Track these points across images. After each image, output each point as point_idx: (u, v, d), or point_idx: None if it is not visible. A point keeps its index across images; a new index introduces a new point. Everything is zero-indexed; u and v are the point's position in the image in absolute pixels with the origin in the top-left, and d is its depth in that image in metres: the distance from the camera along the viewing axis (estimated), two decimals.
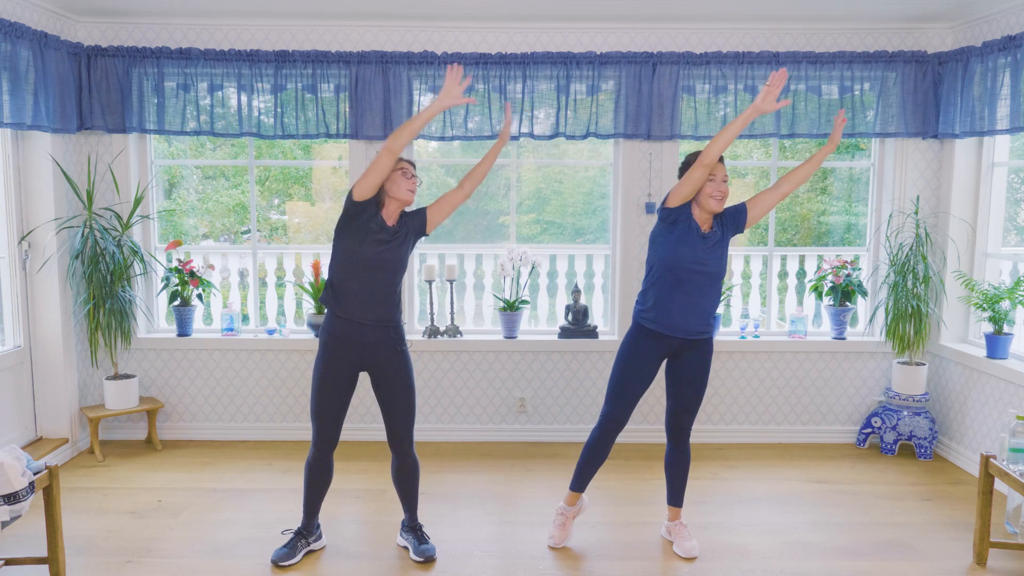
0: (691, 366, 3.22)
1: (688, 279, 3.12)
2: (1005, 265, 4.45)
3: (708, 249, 3.14)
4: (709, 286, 3.16)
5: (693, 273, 3.12)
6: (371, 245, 3.04)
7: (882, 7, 4.17)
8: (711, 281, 3.16)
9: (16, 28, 3.75)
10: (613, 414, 3.23)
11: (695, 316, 3.15)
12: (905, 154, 4.62)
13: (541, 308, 5.05)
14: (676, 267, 3.13)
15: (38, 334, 4.35)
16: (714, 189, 3.09)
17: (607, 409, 3.25)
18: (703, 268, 3.12)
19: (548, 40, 4.53)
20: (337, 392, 3.11)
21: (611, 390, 3.25)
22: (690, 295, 3.13)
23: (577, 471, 3.36)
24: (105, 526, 3.52)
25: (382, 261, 3.06)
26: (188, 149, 7.29)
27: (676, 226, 3.14)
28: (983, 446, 4.22)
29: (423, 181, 3.92)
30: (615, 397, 3.23)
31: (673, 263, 3.13)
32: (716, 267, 3.16)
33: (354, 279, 3.05)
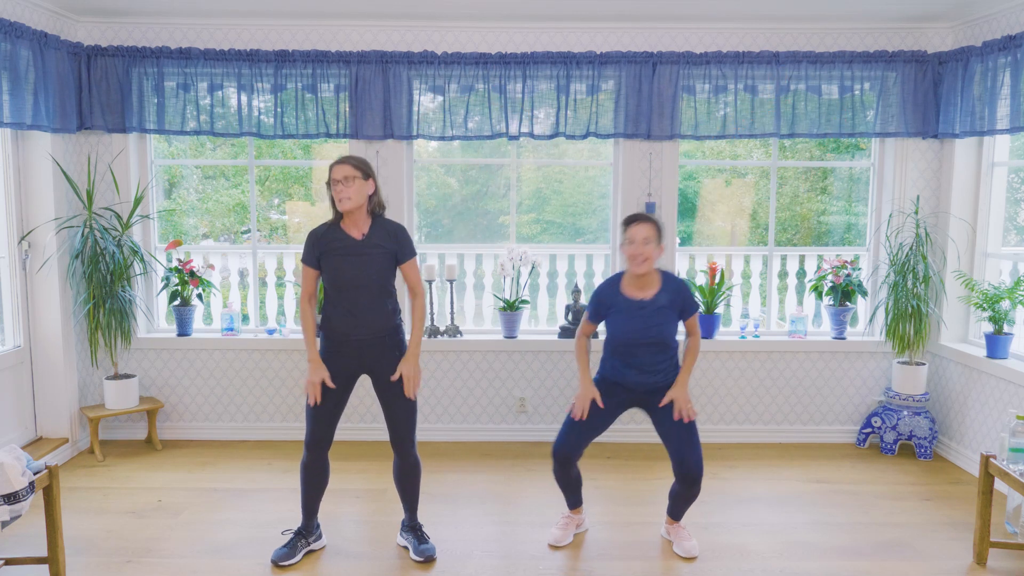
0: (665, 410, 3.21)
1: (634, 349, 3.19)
2: (1005, 265, 4.45)
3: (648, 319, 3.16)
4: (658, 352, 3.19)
5: (637, 345, 3.18)
6: (339, 264, 3.02)
7: (882, 7, 4.17)
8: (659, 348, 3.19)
9: (16, 28, 3.75)
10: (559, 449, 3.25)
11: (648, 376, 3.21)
12: (905, 154, 4.62)
13: (541, 308, 5.05)
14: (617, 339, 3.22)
15: (38, 334, 4.35)
16: (632, 252, 3.12)
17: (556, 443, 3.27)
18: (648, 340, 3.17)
19: (548, 40, 4.53)
20: (332, 397, 3.11)
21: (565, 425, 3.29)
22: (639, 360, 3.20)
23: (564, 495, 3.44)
24: (105, 526, 3.52)
25: (357, 278, 3.02)
26: (188, 149, 7.29)
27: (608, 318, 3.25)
28: (983, 446, 4.22)
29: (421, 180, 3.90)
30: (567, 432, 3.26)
31: (616, 338, 3.22)
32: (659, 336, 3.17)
33: (340, 298, 3.05)
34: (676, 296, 3.20)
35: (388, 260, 3.07)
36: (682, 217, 7.75)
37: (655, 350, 3.18)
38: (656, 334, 3.16)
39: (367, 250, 3.03)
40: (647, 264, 3.12)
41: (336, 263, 3.02)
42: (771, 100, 4.51)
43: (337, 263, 3.02)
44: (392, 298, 3.13)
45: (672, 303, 3.19)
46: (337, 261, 3.02)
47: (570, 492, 3.39)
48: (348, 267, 3.01)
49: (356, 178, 2.99)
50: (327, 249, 3.04)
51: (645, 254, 3.10)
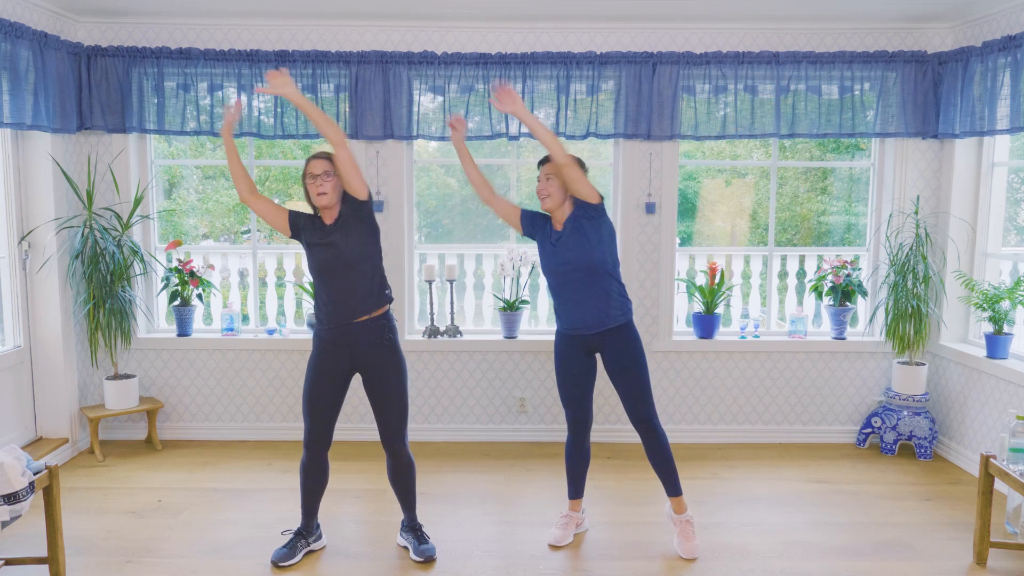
0: (613, 356, 3.25)
1: (561, 282, 3.23)
2: (1005, 265, 4.45)
3: (558, 245, 3.20)
4: (586, 278, 3.18)
5: (560, 274, 3.22)
6: (317, 250, 3.06)
7: (882, 7, 4.17)
8: (582, 272, 3.17)
9: (16, 28, 3.75)
10: (571, 415, 3.37)
11: (587, 311, 3.21)
12: (905, 154, 4.62)
13: (541, 308, 5.05)
14: (547, 275, 3.29)
15: (38, 334, 4.35)
16: (538, 189, 3.22)
17: (566, 413, 3.39)
18: (564, 265, 3.19)
19: (548, 40, 4.53)
20: (327, 394, 3.11)
21: (560, 395, 3.39)
22: (573, 294, 3.22)
23: (568, 478, 3.46)
24: (105, 526, 3.52)
25: (338, 261, 3.04)
26: (188, 149, 7.29)
27: (536, 239, 3.32)
28: (983, 446, 4.22)
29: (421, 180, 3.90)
30: (565, 401, 3.37)
31: (544, 272, 3.30)
32: (578, 259, 3.16)
33: (324, 285, 3.08)
34: (577, 208, 3.19)
35: (360, 230, 3.05)
36: (682, 217, 7.75)
37: (586, 276, 3.17)
38: (577, 258, 3.16)
39: (337, 230, 3.06)
40: (551, 200, 3.20)
41: (317, 251, 3.07)
42: (771, 100, 4.51)
43: (318, 250, 3.07)
44: (377, 276, 3.11)
45: (577, 217, 3.18)
46: (316, 249, 3.07)
47: (577, 474, 3.42)
48: (325, 251, 3.05)
49: (332, 173, 3.02)
50: (311, 236, 3.09)
51: (548, 189, 3.20)
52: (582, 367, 3.31)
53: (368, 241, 3.08)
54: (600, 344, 3.27)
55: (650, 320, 4.71)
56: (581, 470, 3.42)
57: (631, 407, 3.25)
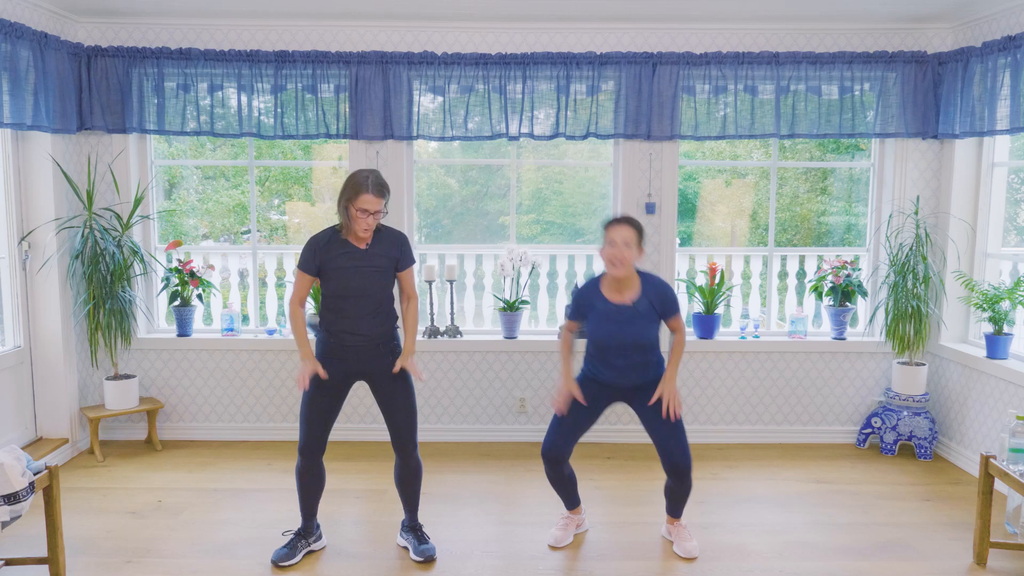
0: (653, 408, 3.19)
1: (614, 351, 3.17)
2: (1005, 265, 4.45)
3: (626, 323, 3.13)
4: (638, 352, 3.17)
5: (617, 348, 3.16)
6: (343, 274, 3.02)
7: (882, 7, 4.17)
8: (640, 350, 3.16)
9: (16, 28, 3.75)
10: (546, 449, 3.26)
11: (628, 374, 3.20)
12: (905, 154, 4.62)
13: (541, 308, 5.05)
14: (599, 343, 3.19)
15: (38, 334, 4.35)
16: (611, 255, 3.09)
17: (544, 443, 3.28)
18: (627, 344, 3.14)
19: (548, 40, 4.53)
20: (327, 402, 3.11)
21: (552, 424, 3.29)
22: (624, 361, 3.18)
23: (560, 496, 3.43)
24: (105, 526, 3.52)
25: (361, 287, 3.03)
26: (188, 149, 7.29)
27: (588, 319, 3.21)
28: (983, 446, 4.22)
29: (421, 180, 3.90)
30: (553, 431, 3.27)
31: (596, 340, 3.20)
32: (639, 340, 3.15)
33: (342, 305, 3.05)
34: (655, 300, 3.16)
35: (390, 268, 3.11)
36: (682, 218, 7.75)
37: (634, 352, 3.16)
38: (634, 338, 3.14)
39: (371, 260, 3.05)
40: (624, 268, 3.09)
41: (340, 273, 3.02)
42: (771, 100, 4.51)
43: (342, 273, 3.02)
44: (391, 304, 3.15)
45: (651, 307, 3.16)
46: (342, 271, 3.02)
47: (565, 493, 3.39)
48: (353, 277, 3.02)
49: (381, 212, 3.01)
50: (330, 259, 3.03)
51: (624, 257, 3.07)
52: (592, 410, 3.27)
53: (390, 280, 3.13)
54: (632, 396, 3.25)
55: None
56: (570, 489, 3.39)
57: (668, 455, 3.16)
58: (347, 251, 3.04)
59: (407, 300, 3.23)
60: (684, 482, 3.19)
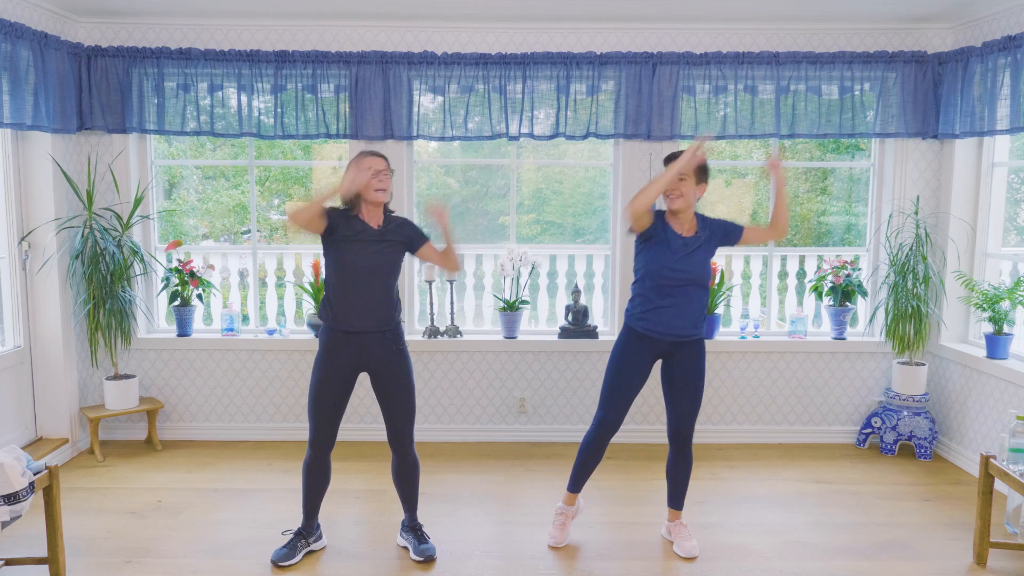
0: (682, 369, 3.21)
1: (671, 286, 3.13)
2: (1005, 265, 4.45)
3: (687, 257, 3.13)
4: (693, 291, 3.15)
5: (675, 280, 3.13)
6: (358, 251, 3.03)
7: (882, 7, 4.17)
8: (695, 287, 3.15)
9: (16, 28, 3.75)
10: (607, 417, 3.23)
11: (682, 319, 3.16)
12: (905, 154, 4.62)
13: (541, 308, 5.05)
14: (657, 275, 3.14)
15: (38, 334, 4.35)
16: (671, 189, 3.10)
17: (601, 413, 3.25)
18: (684, 275, 3.12)
19: (548, 40, 4.53)
20: (334, 393, 3.11)
21: (605, 393, 3.26)
22: (676, 300, 3.14)
23: (573, 473, 3.38)
24: (105, 526, 3.52)
25: (374, 266, 3.04)
26: (188, 149, 7.29)
27: (651, 240, 3.17)
28: (983, 446, 4.22)
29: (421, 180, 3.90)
30: (609, 400, 3.23)
31: (655, 272, 3.15)
32: (698, 274, 3.14)
33: (349, 288, 3.05)
34: (715, 228, 3.20)
35: (400, 251, 3.14)
36: None
37: (691, 289, 3.14)
38: (694, 272, 3.12)
39: (385, 238, 3.08)
40: (682, 200, 3.09)
41: (354, 249, 3.03)
42: (771, 100, 4.51)
43: (355, 249, 3.03)
44: (396, 291, 3.16)
45: (711, 238, 3.18)
46: (355, 248, 3.03)
47: (587, 470, 3.33)
48: (367, 255, 3.03)
49: (388, 173, 3.06)
50: (347, 234, 3.04)
51: (681, 189, 3.07)
52: (644, 371, 3.25)
53: (400, 263, 3.14)
54: (672, 352, 3.23)
55: None
56: (591, 469, 3.35)
57: (679, 421, 3.19)
58: (362, 228, 3.06)
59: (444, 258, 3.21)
60: (685, 452, 3.24)
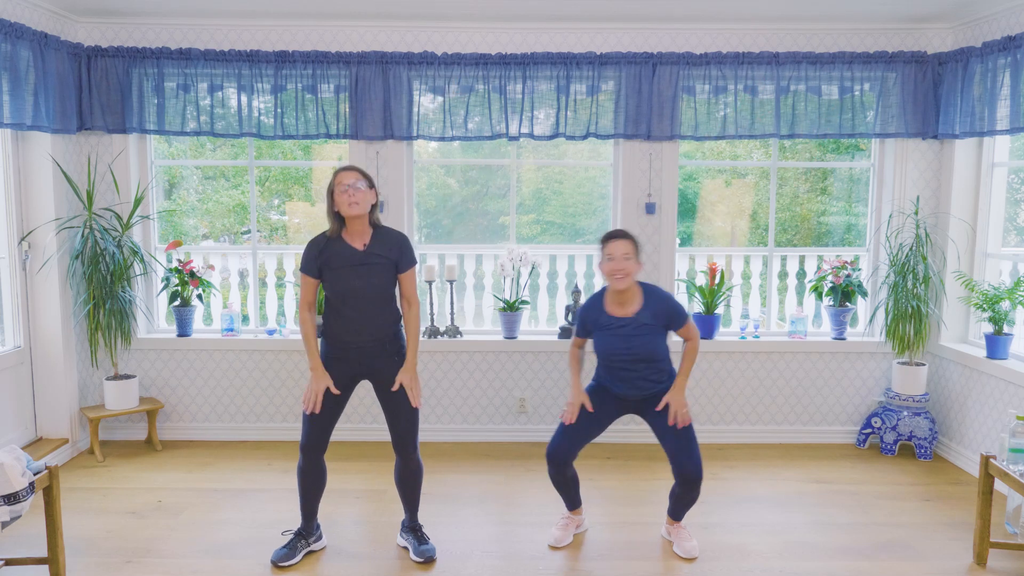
0: (660, 415, 3.21)
1: (621, 365, 3.19)
2: (1005, 265, 4.45)
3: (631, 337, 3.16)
4: (644, 365, 3.19)
5: (625, 360, 3.18)
6: (343, 276, 3.01)
7: (882, 7, 4.17)
8: (647, 363, 3.18)
9: (16, 28, 3.75)
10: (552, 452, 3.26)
11: (642, 383, 3.22)
12: (905, 154, 4.62)
13: (541, 308, 5.05)
14: (606, 357, 3.23)
15: (38, 334, 4.35)
16: (612, 268, 3.11)
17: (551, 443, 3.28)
18: (632, 355, 3.17)
19: (548, 40, 4.53)
20: (331, 399, 3.11)
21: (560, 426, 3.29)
22: (629, 373, 3.20)
23: (561, 497, 3.44)
24: (105, 526, 3.52)
25: (360, 289, 3.02)
26: (188, 149, 7.29)
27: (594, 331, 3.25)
28: (983, 446, 4.22)
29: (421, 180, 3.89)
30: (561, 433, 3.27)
31: (602, 353, 3.24)
32: (645, 354, 3.16)
33: (342, 306, 3.05)
34: (659, 311, 3.18)
35: (390, 270, 3.09)
36: (682, 218, 7.75)
37: (642, 365, 3.19)
38: (640, 351, 3.16)
39: (370, 260, 3.04)
40: (627, 280, 3.11)
41: (338, 275, 3.02)
42: (771, 101, 4.51)
43: (340, 275, 3.02)
44: (393, 304, 3.14)
45: (655, 319, 3.17)
46: (339, 273, 3.02)
47: (567, 494, 3.39)
48: (351, 278, 3.02)
49: (363, 186, 3.00)
50: (329, 261, 3.03)
51: (625, 270, 3.09)
52: (602, 419, 3.28)
53: (394, 279, 3.11)
54: (643, 407, 3.28)
55: None
56: (572, 490, 3.39)
57: (680, 464, 3.15)
58: (345, 251, 3.03)
59: (407, 305, 3.15)
60: (694, 491, 3.20)
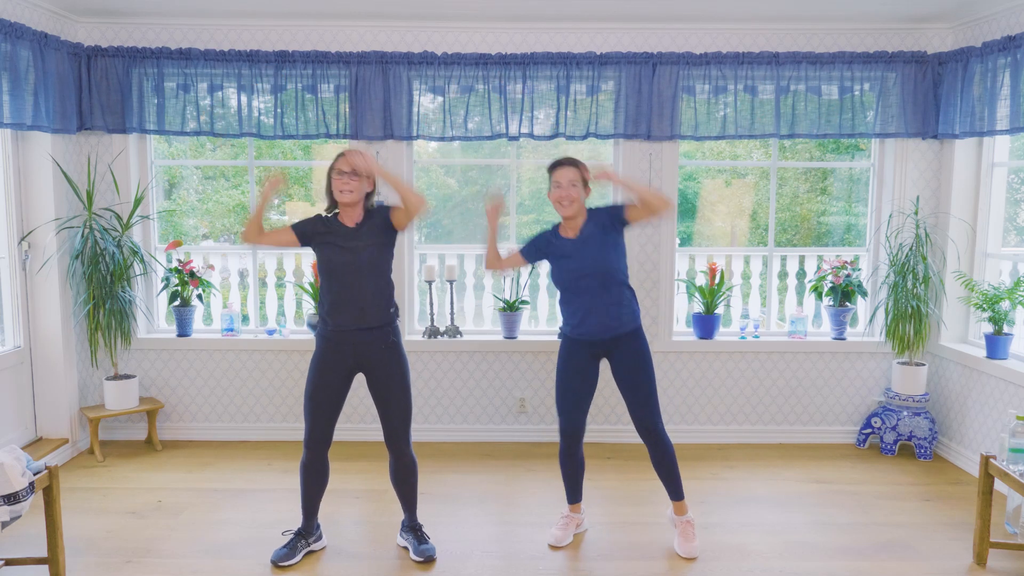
0: (623, 365, 3.23)
1: (574, 288, 3.18)
2: (1005, 265, 4.45)
3: (578, 253, 3.16)
4: (597, 286, 3.15)
5: (575, 279, 3.17)
6: (335, 252, 3.04)
7: (882, 7, 4.17)
8: (595, 279, 3.15)
9: (16, 28, 3.75)
10: (564, 424, 3.31)
11: (600, 316, 3.18)
12: (905, 154, 4.62)
13: (541, 308, 5.05)
14: (559, 281, 3.23)
15: (38, 334, 4.35)
16: (559, 195, 3.13)
17: (559, 422, 3.33)
18: (580, 271, 3.15)
19: (548, 40, 4.53)
20: (330, 393, 3.11)
21: (557, 402, 3.33)
22: (584, 299, 3.18)
23: (565, 485, 3.45)
24: (105, 526, 3.52)
25: (351, 264, 3.04)
26: (188, 149, 7.29)
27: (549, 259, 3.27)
28: (983, 446, 4.22)
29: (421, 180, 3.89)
30: (561, 408, 3.31)
31: (556, 279, 3.25)
32: (592, 267, 3.14)
33: (333, 288, 3.06)
34: (600, 216, 3.18)
35: (381, 244, 3.10)
36: (682, 218, 7.75)
37: (601, 289, 3.14)
38: (592, 265, 3.13)
39: (360, 237, 3.07)
40: (574, 206, 3.12)
41: (332, 250, 3.06)
42: (771, 101, 4.51)
43: (333, 251, 3.06)
44: (388, 288, 3.14)
45: (600, 225, 3.17)
46: (331, 249, 3.06)
47: (572, 482, 3.40)
48: (341, 254, 3.05)
49: (360, 174, 3.03)
50: (324, 236, 3.07)
51: (572, 196, 3.11)
52: (585, 374, 3.28)
53: (386, 256, 3.12)
54: (609, 350, 3.25)
55: (650, 320, 4.71)
56: (577, 477, 3.41)
57: (638, 416, 3.22)
58: (339, 230, 3.08)
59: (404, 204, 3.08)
60: (659, 443, 3.22)
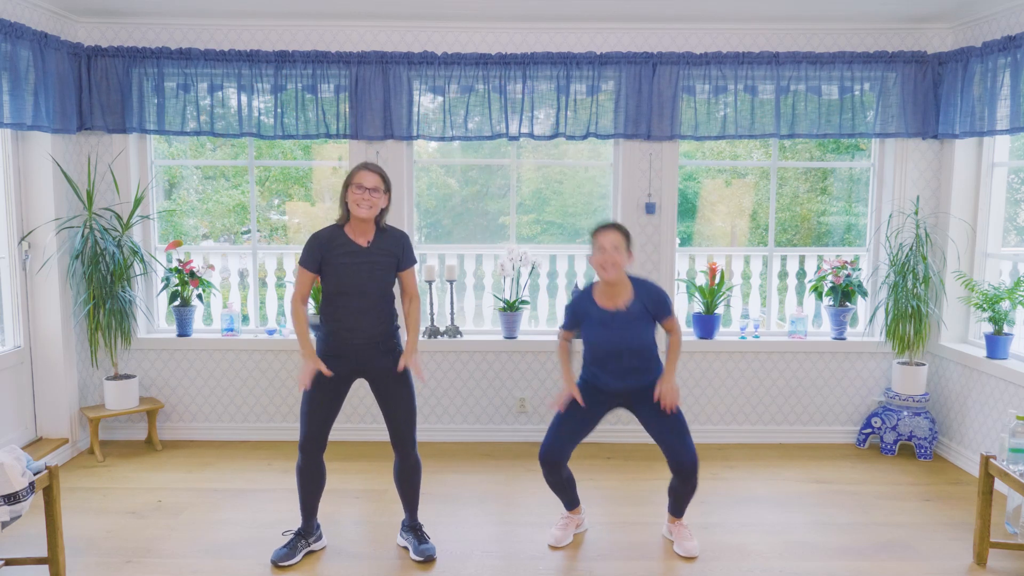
0: (649, 407, 3.21)
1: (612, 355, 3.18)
2: (1005, 265, 4.45)
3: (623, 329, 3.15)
4: (635, 356, 3.18)
5: (613, 351, 3.17)
6: (344, 270, 3.02)
7: (882, 7, 4.17)
8: (636, 352, 3.17)
9: (16, 28, 3.75)
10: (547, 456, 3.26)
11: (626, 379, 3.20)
12: (905, 154, 4.62)
13: (541, 308, 5.05)
14: (594, 347, 3.21)
15: (38, 334, 4.35)
16: (602, 260, 3.11)
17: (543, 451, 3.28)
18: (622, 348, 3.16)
19: (548, 40, 4.53)
20: (329, 398, 3.11)
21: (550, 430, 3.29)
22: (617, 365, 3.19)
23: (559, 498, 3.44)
24: (105, 526, 3.52)
25: (360, 284, 3.03)
26: (188, 149, 7.29)
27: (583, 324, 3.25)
28: (983, 446, 4.22)
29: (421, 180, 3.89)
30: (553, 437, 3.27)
31: (590, 344, 3.22)
32: (634, 343, 3.16)
33: (341, 302, 3.05)
34: (649, 303, 3.18)
35: (391, 267, 3.11)
36: (682, 217, 7.75)
37: (631, 357, 3.18)
38: (630, 342, 3.15)
39: (372, 257, 3.05)
40: (616, 271, 3.10)
41: (341, 269, 3.02)
42: (771, 101, 4.51)
43: (342, 269, 3.02)
44: (391, 304, 3.15)
45: (645, 310, 3.17)
46: (342, 268, 3.02)
47: (565, 495, 3.39)
48: (353, 273, 3.02)
49: (380, 191, 3.01)
50: (331, 255, 3.03)
51: (615, 261, 3.09)
52: (595, 419, 3.28)
53: (393, 277, 3.13)
54: (632, 401, 3.26)
55: None
56: (569, 490, 3.39)
57: (674, 456, 3.14)
58: (348, 248, 3.04)
59: (408, 300, 3.23)
60: (690, 481, 3.20)
